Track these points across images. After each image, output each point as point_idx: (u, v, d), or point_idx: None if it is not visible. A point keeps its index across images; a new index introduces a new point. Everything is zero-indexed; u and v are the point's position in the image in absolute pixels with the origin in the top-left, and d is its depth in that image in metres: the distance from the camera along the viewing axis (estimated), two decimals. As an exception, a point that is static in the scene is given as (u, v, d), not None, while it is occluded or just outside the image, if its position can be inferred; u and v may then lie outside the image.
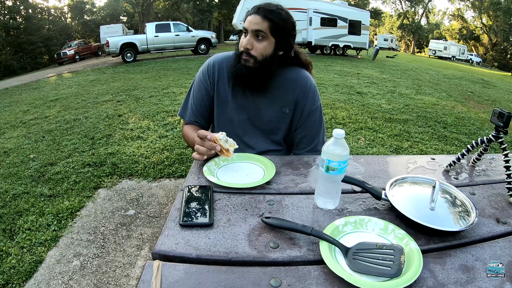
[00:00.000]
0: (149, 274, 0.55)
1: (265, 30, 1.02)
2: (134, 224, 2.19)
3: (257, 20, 1.02)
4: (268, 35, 1.03)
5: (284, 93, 1.15)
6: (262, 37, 1.03)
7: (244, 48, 1.04)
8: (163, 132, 3.90)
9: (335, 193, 0.76)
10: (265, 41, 1.04)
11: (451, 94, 7.25)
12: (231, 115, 1.17)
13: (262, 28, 1.02)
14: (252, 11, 1.04)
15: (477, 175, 0.97)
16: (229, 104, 1.16)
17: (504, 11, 32.52)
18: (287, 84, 1.15)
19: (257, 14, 1.02)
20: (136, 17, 31.57)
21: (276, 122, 1.17)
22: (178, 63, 10.62)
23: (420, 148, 3.57)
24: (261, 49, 1.04)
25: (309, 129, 1.19)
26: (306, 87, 1.16)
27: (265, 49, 1.04)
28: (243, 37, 1.06)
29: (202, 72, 1.19)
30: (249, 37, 1.04)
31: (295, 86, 1.15)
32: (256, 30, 1.02)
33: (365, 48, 16.30)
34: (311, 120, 1.18)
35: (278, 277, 0.55)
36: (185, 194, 0.79)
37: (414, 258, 0.57)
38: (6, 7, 25.12)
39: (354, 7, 18.46)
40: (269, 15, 1.01)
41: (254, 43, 1.04)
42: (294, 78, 1.15)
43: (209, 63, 1.19)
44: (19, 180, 2.83)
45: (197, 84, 1.20)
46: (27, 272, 1.73)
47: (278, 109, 1.16)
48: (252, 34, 1.03)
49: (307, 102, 1.16)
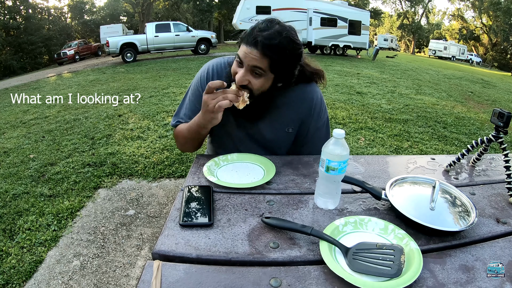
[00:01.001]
0: (149, 274, 0.55)
1: (264, 68, 0.87)
2: (134, 224, 2.19)
3: (254, 55, 0.85)
4: (267, 73, 0.89)
5: (286, 112, 1.05)
6: (260, 74, 0.89)
7: (239, 83, 0.89)
8: (163, 132, 3.90)
9: (335, 193, 0.76)
10: (263, 78, 0.90)
11: (451, 94, 7.25)
12: (230, 130, 1.10)
13: (261, 66, 0.86)
14: (249, 40, 0.86)
15: (477, 175, 0.97)
16: (228, 117, 1.05)
17: (504, 11, 32.52)
18: (290, 103, 1.05)
19: (254, 48, 0.85)
20: (136, 17, 31.58)
21: (277, 141, 1.11)
22: (178, 63, 10.61)
23: (420, 148, 3.57)
24: (259, 85, 0.91)
25: (314, 144, 1.11)
26: (311, 105, 1.06)
27: (262, 85, 0.92)
28: (236, 65, 0.91)
29: (200, 79, 1.08)
30: (244, 73, 0.88)
31: (300, 105, 1.05)
32: (254, 67, 0.87)
33: (365, 48, 16.30)
34: (317, 136, 1.11)
35: (278, 277, 0.55)
36: (185, 194, 0.79)
37: (414, 258, 0.57)
38: (6, 7, 25.12)
39: (354, 7, 18.47)
40: (268, 52, 0.84)
41: (250, 78, 0.89)
42: (298, 97, 1.05)
43: (208, 71, 1.08)
44: (19, 180, 2.83)
45: (193, 92, 1.09)
46: (27, 272, 1.73)
47: (280, 129, 1.08)
48: (248, 68, 0.88)
49: (312, 120, 1.08)
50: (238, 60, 0.90)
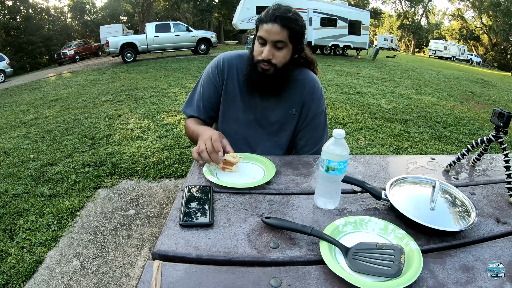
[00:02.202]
0: (149, 274, 0.55)
1: (285, 40, 1.00)
2: (134, 224, 2.19)
3: (276, 29, 0.98)
4: (287, 43, 1.02)
5: (291, 94, 1.13)
6: (282, 47, 1.01)
7: (265, 58, 1.01)
8: (163, 132, 3.90)
9: (335, 193, 0.76)
10: (285, 49, 1.03)
11: (451, 94, 7.25)
12: (238, 115, 1.16)
13: (283, 38, 0.99)
14: (267, 18, 1.00)
15: (477, 175, 0.97)
16: (236, 103, 1.15)
17: (504, 11, 32.52)
18: (295, 85, 1.13)
19: (275, 23, 0.98)
20: (136, 17, 31.57)
21: (282, 124, 1.16)
22: (178, 63, 10.61)
23: (420, 148, 3.57)
24: (282, 57, 1.03)
25: (313, 132, 1.18)
26: (313, 89, 1.15)
27: (285, 57, 1.04)
28: (258, 45, 1.03)
29: (211, 68, 1.17)
30: (269, 48, 1.01)
31: (303, 87, 1.14)
32: (277, 41, 1.00)
33: (365, 48, 16.31)
34: (316, 123, 1.17)
35: (278, 277, 0.55)
36: (185, 194, 0.79)
37: (414, 258, 0.57)
38: (6, 7, 25.12)
39: (354, 7, 18.46)
40: (288, 23, 0.98)
41: (275, 53, 1.02)
42: (302, 80, 1.14)
43: (219, 60, 1.16)
44: (19, 180, 2.83)
45: (205, 80, 1.18)
46: (27, 272, 1.73)
47: (285, 111, 1.15)
48: (271, 44, 1.00)
49: (313, 104, 1.15)
50: (261, 40, 1.02)
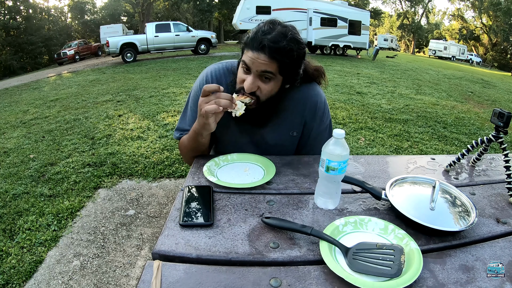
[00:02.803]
0: (149, 274, 0.55)
1: (274, 71, 0.86)
2: (134, 224, 2.19)
3: (262, 59, 0.83)
4: (276, 76, 0.87)
5: (291, 115, 1.03)
6: (269, 78, 0.87)
7: (248, 91, 0.88)
8: (163, 132, 3.90)
9: (335, 193, 0.76)
10: (273, 82, 0.88)
11: (451, 94, 7.25)
12: (233, 138, 1.08)
13: (271, 70, 0.85)
14: (254, 45, 0.84)
15: (477, 175, 0.97)
16: (230, 126, 1.05)
17: (504, 11, 32.52)
18: (294, 105, 1.03)
19: (262, 53, 0.83)
20: (136, 17, 31.58)
21: (282, 146, 1.08)
22: (178, 63, 10.61)
23: (420, 148, 3.57)
24: (268, 91, 0.89)
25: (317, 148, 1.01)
26: (315, 107, 1.04)
27: (271, 90, 0.90)
28: (241, 70, 0.90)
29: (199, 86, 1.05)
30: (252, 80, 0.86)
31: (304, 107, 1.03)
32: (264, 72, 0.86)
33: (365, 48, 16.30)
34: (319, 140, 1.06)
35: (278, 277, 0.55)
36: (185, 194, 0.79)
37: (414, 258, 0.57)
38: (6, 7, 25.12)
39: (354, 7, 18.46)
40: (277, 55, 0.83)
41: (260, 85, 0.88)
42: (302, 99, 1.03)
43: (207, 77, 1.05)
44: (19, 180, 2.83)
45: (194, 100, 1.06)
46: (27, 272, 1.74)
47: (284, 133, 1.06)
48: (256, 74, 0.87)
49: (315, 123, 1.06)
50: (245, 66, 0.88)
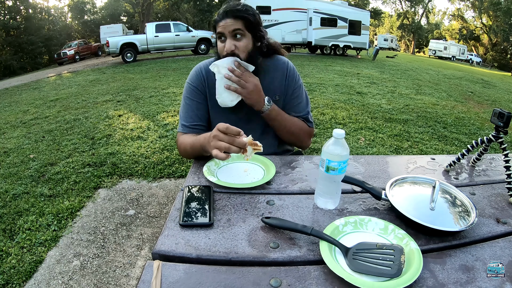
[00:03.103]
0: (149, 274, 0.55)
1: (241, 28, 1.06)
2: (134, 224, 2.19)
3: (230, 22, 1.04)
4: (245, 32, 1.07)
5: (270, 82, 1.18)
6: (241, 35, 1.06)
7: (228, 51, 1.05)
8: (163, 132, 3.90)
9: (335, 193, 0.76)
10: (244, 39, 1.07)
11: (451, 94, 7.25)
12: (228, 116, 1.17)
13: (239, 27, 1.05)
14: (219, 17, 1.07)
15: (477, 175, 0.97)
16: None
17: (504, 11, 32.52)
18: (270, 72, 1.19)
19: (227, 18, 1.05)
20: (136, 17, 31.58)
21: None
22: (178, 63, 10.62)
23: (420, 148, 3.57)
24: (244, 46, 1.07)
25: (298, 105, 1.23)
26: (287, 70, 1.21)
27: (246, 45, 1.08)
28: (220, 44, 1.09)
29: (191, 79, 1.20)
30: (229, 40, 1.06)
31: (277, 72, 1.20)
32: (234, 30, 1.05)
33: (365, 48, 16.30)
34: (297, 96, 1.22)
35: (278, 277, 0.55)
36: (185, 194, 0.79)
37: (414, 258, 0.57)
38: (6, 7, 25.12)
39: (354, 7, 18.47)
40: (239, 14, 1.05)
41: (236, 43, 1.06)
42: (274, 66, 1.20)
43: (197, 69, 1.21)
44: (19, 180, 2.83)
45: (188, 92, 1.20)
46: (27, 272, 1.73)
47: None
48: (230, 36, 1.06)
49: (290, 83, 1.21)
50: (220, 37, 1.08)
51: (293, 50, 16.07)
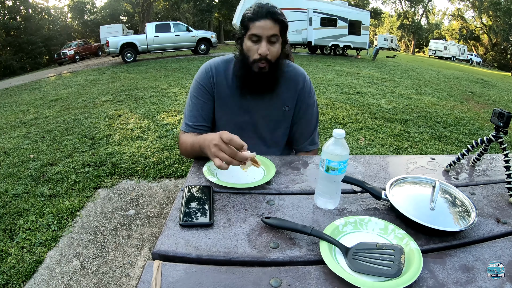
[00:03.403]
0: (149, 274, 0.55)
1: (278, 33, 1.04)
2: (134, 224, 2.19)
3: (270, 25, 1.01)
4: (279, 37, 1.05)
5: (283, 91, 1.15)
6: (275, 41, 1.04)
7: (263, 55, 1.02)
8: (163, 132, 3.90)
9: (335, 193, 0.76)
10: (277, 44, 1.05)
11: (451, 94, 7.25)
12: (233, 117, 1.16)
13: (276, 32, 1.03)
14: (259, 15, 1.01)
15: (477, 175, 0.97)
16: (230, 106, 1.15)
17: (504, 11, 32.52)
18: (285, 82, 1.15)
19: (267, 19, 1.01)
20: (136, 17, 31.58)
21: (276, 121, 1.18)
22: (178, 63, 10.62)
23: (420, 148, 3.57)
24: (276, 52, 1.05)
25: (307, 123, 1.21)
26: (303, 84, 1.18)
27: (278, 51, 1.06)
28: (252, 44, 1.04)
29: (200, 77, 1.16)
30: (265, 43, 1.02)
31: (294, 83, 1.16)
32: (272, 35, 1.02)
33: (365, 48, 16.30)
34: (309, 113, 1.20)
35: (278, 277, 0.55)
36: (185, 194, 0.79)
37: (414, 258, 0.57)
38: (6, 7, 25.12)
39: (354, 7, 18.46)
40: (278, 17, 1.02)
41: (270, 48, 1.03)
42: (291, 76, 1.16)
43: (207, 67, 1.16)
44: (19, 180, 2.83)
45: (195, 91, 1.16)
46: (27, 272, 1.73)
47: (278, 108, 1.16)
48: (267, 40, 1.02)
49: (304, 98, 1.18)
50: (255, 37, 1.03)
51: (292, 50, 16.07)
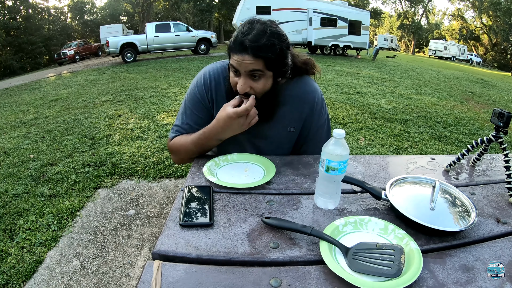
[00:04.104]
0: (149, 274, 0.55)
1: (261, 69, 0.87)
2: (134, 224, 2.19)
3: (248, 60, 0.85)
4: (265, 72, 0.89)
5: (289, 111, 1.04)
6: (259, 76, 0.89)
7: (241, 92, 0.90)
8: (163, 132, 3.90)
9: (335, 193, 0.76)
10: (263, 78, 0.90)
11: (451, 94, 7.24)
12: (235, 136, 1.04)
13: (258, 68, 0.87)
14: (237, 48, 0.86)
15: (477, 175, 0.97)
16: None
17: (504, 11, 32.52)
18: (292, 101, 1.03)
19: (245, 54, 0.84)
20: (136, 17, 31.60)
21: (279, 142, 1.10)
22: (178, 63, 10.61)
23: (420, 148, 3.57)
24: (260, 88, 0.91)
25: (317, 143, 1.08)
26: (313, 104, 1.05)
27: (264, 86, 0.91)
28: (233, 75, 0.92)
29: (197, 87, 1.05)
30: (243, 80, 0.89)
31: (301, 104, 1.04)
32: (251, 71, 0.87)
33: (365, 48, 16.30)
34: (319, 135, 1.10)
35: (278, 277, 0.55)
36: (185, 194, 0.79)
37: (414, 258, 0.57)
38: (6, 7, 25.12)
39: (354, 7, 18.46)
40: (260, 53, 0.84)
41: (252, 84, 0.90)
42: (299, 96, 1.04)
43: (205, 78, 1.05)
44: (19, 180, 2.83)
45: (191, 102, 1.06)
46: (27, 272, 1.73)
47: (282, 129, 1.07)
48: (246, 75, 0.88)
49: (314, 119, 1.07)
50: (233, 70, 0.90)
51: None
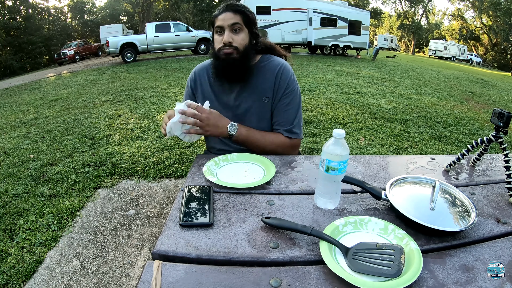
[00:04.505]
0: (149, 274, 0.55)
1: (240, 22, 1.11)
2: (134, 224, 2.19)
3: (230, 15, 1.10)
4: (243, 27, 1.13)
5: (261, 82, 1.19)
6: (239, 29, 1.12)
7: (226, 42, 1.10)
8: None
9: (335, 193, 0.76)
10: (242, 32, 1.13)
11: (451, 94, 7.24)
12: None
13: (237, 21, 1.11)
14: (220, 10, 1.13)
15: (477, 175, 0.97)
16: (213, 103, 1.20)
17: (504, 11, 32.52)
18: (263, 72, 1.20)
19: (227, 11, 1.11)
20: (136, 17, 31.59)
21: (258, 113, 1.20)
22: (178, 63, 10.61)
23: (420, 148, 3.57)
24: (241, 39, 1.12)
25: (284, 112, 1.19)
26: (280, 72, 1.19)
27: (243, 39, 1.13)
28: (217, 37, 1.14)
29: (187, 82, 1.33)
30: (227, 32, 1.11)
31: (270, 73, 1.20)
32: (233, 24, 1.10)
33: (365, 48, 16.30)
34: (285, 102, 1.19)
35: (278, 277, 0.55)
36: (185, 194, 0.79)
37: (414, 258, 0.57)
38: (6, 7, 25.12)
39: (354, 7, 18.46)
40: (239, 9, 1.12)
41: (233, 36, 1.11)
42: (268, 66, 1.21)
43: (192, 73, 1.32)
44: (19, 180, 2.83)
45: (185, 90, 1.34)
46: (27, 272, 1.73)
47: (258, 99, 1.19)
48: (229, 29, 1.10)
49: (280, 86, 1.19)
50: (218, 30, 1.13)
51: (292, 50, 16.07)
